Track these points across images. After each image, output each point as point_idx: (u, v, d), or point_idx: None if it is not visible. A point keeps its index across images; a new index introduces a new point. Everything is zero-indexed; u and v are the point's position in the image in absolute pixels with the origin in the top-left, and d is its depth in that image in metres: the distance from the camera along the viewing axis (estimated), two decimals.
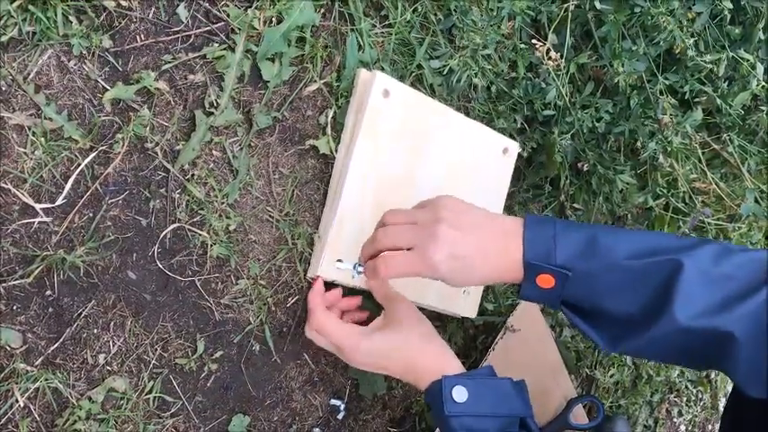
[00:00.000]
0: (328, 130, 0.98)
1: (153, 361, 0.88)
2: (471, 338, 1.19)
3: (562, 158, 1.18)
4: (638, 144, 1.21)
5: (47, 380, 0.80)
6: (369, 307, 1.00)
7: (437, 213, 0.86)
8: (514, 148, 1.13)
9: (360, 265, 0.98)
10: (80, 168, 0.80)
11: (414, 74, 1.06)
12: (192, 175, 0.88)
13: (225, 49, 0.88)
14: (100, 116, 0.81)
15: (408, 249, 0.87)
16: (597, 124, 1.18)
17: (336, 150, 0.99)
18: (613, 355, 1.41)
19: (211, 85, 0.88)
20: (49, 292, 0.80)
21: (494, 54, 1.11)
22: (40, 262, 0.78)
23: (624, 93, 1.19)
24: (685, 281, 0.77)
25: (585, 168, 1.22)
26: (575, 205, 1.27)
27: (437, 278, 0.86)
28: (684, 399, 1.58)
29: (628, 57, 1.14)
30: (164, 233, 0.87)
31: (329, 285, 0.99)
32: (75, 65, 0.79)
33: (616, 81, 1.14)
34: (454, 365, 0.91)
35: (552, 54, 1.13)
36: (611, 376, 1.41)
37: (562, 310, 0.86)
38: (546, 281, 0.83)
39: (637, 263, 0.80)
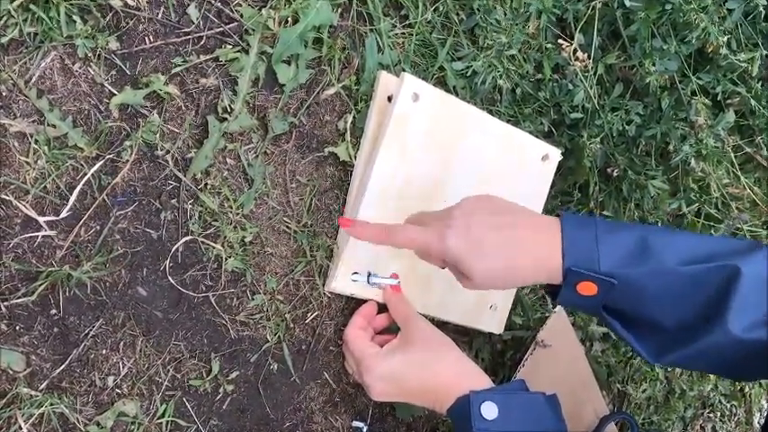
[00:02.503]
0: (347, 136, 0.93)
1: (165, 383, 0.83)
2: (499, 354, 1.13)
3: (591, 163, 1.13)
4: (671, 147, 1.15)
5: (52, 405, 0.75)
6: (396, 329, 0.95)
7: (462, 201, 0.83)
8: (555, 154, 1.07)
9: (374, 275, 0.93)
10: (86, 178, 0.75)
11: (436, 76, 1.01)
12: (205, 184, 0.83)
13: (238, 51, 0.83)
14: (107, 122, 0.76)
15: None
16: (627, 127, 1.12)
17: (356, 157, 0.94)
18: (645, 370, 1.35)
19: (224, 90, 0.83)
20: (53, 311, 0.75)
21: (518, 55, 1.06)
22: (44, 278, 0.73)
23: (655, 94, 1.14)
24: (742, 289, 0.72)
25: (616, 174, 1.16)
26: (604, 213, 1.21)
27: (451, 263, 0.81)
28: (718, 414, 1.52)
29: (659, 56, 1.09)
30: (175, 246, 0.82)
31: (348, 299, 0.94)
32: (79, 68, 0.74)
33: (647, 82, 1.09)
34: (483, 381, 0.86)
35: (579, 54, 1.08)
36: (644, 391, 1.35)
37: (602, 317, 0.81)
38: (587, 288, 0.76)
39: (690, 269, 0.74)
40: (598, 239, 0.76)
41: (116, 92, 0.76)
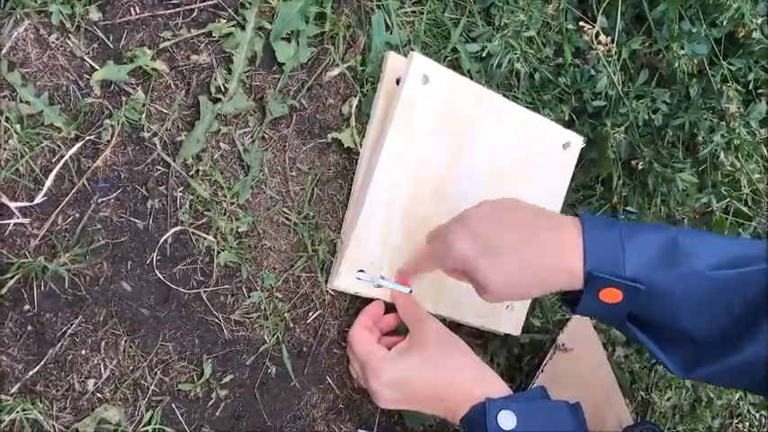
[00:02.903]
0: (352, 121, 0.86)
1: (152, 387, 0.76)
2: (515, 359, 1.06)
3: (615, 155, 1.05)
4: (700, 138, 1.08)
5: (25, 410, 0.68)
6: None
7: (472, 206, 0.78)
8: (577, 142, 0.99)
9: (384, 278, 0.86)
10: (63, 161, 0.68)
11: (448, 59, 0.94)
12: (197, 170, 0.76)
13: (233, 25, 0.76)
14: (87, 100, 0.69)
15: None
16: (654, 116, 1.05)
17: (362, 144, 0.87)
18: (671, 377, 1.27)
19: (218, 68, 0.77)
20: (27, 307, 0.68)
21: (537, 38, 0.99)
22: (15, 271, 0.66)
23: (682, 81, 1.06)
24: None
25: (641, 167, 1.09)
26: (628, 208, 1.13)
27: (466, 275, 0.75)
28: (747, 424, 1.43)
29: (687, 39, 1.01)
30: (164, 238, 0.75)
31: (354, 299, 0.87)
32: (56, 39, 0.67)
33: (675, 66, 1.02)
34: (499, 387, 0.80)
35: (602, 38, 1.01)
36: (668, 399, 1.27)
37: (626, 328, 0.73)
38: (611, 295, 0.69)
39: (723, 273, 0.67)
40: (623, 241, 0.69)
41: (97, 67, 0.70)
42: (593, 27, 1.00)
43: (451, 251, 0.75)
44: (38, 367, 0.69)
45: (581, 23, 1.00)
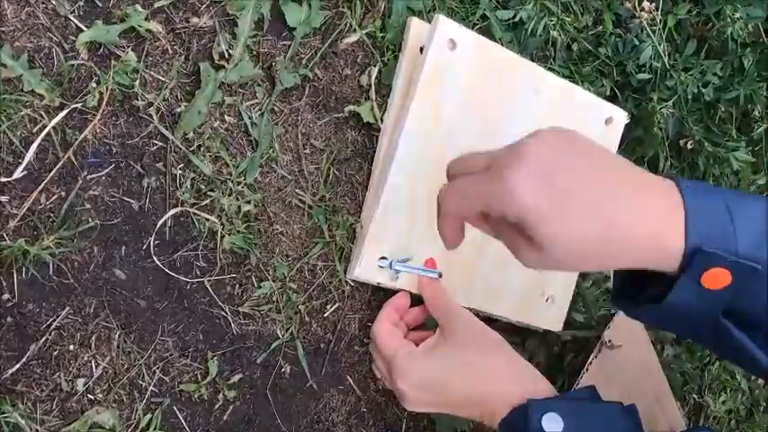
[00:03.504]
0: (372, 93, 0.79)
1: (150, 387, 0.68)
2: (557, 358, 0.97)
3: (662, 133, 0.96)
4: (755, 114, 0.99)
5: (4, 413, 0.60)
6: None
7: (535, 134, 0.57)
8: (620, 117, 0.91)
9: (399, 261, 0.77)
10: (46, 132, 0.61)
11: (478, 27, 0.86)
12: (199, 145, 0.69)
13: None
14: (72, 64, 0.62)
15: None
16: (704, 90, 0.96)
17: (383, 120, 0.79)
18: (725, 378, 1.17)
19: (221, 32, 0.69)
20: (6, 296, 0.61)
21: (574, 5, 0.91)
22: None
23: (735, 52, 0.97)
24: None
25: (690, 146, 0.99)
26: None
27: (514, 227, 0.56)
28: None
29: (741, 2, 0.92)
30: (162, 220, 0.67)
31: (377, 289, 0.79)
32: None
33: (727, 35, 0.93)
34: (543, 387, 0.72)
35: (645, 5, 0.93)
36: (723, 403, 1.17)
37: (720, 325, 0.57)
38: (717, 278, 0.53)
39: None
40: (731, 210, 0.53)
41: (84, 27, 0.62)
42: None
43: (512, 193, 0.53)
44: (19, 364, 0.61)
45: None
